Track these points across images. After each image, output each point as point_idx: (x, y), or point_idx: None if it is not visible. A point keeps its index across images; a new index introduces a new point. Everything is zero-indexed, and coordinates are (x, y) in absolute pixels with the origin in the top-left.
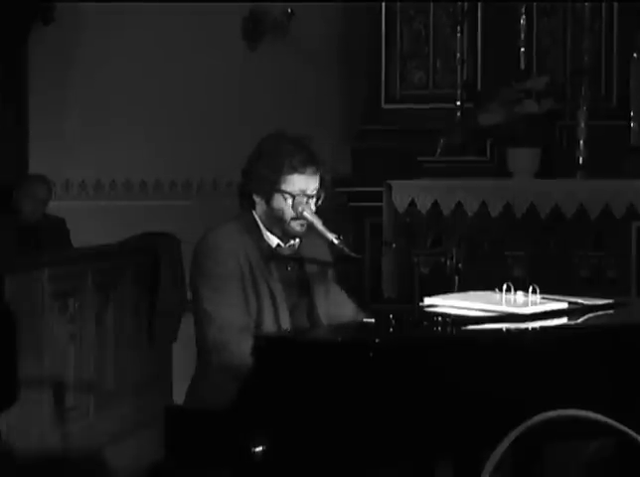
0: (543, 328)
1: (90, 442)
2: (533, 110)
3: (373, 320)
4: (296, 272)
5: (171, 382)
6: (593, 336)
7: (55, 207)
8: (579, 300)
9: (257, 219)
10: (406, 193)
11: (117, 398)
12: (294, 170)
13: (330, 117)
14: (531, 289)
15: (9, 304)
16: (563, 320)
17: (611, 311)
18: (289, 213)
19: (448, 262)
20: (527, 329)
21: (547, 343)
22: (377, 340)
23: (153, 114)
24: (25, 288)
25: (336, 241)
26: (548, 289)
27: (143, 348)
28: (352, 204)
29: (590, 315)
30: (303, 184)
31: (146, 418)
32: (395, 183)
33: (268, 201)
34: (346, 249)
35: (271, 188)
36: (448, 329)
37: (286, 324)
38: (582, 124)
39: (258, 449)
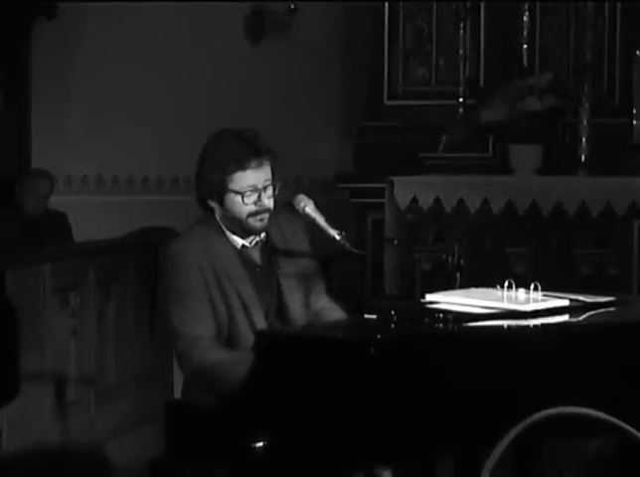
0: (544, 325)
1: (91, 437)
2: (535, 107)
3: (374, 316)
4: (267, 271)
5: (172, 377)
6: (595, 334)
7: (56, 202)
8: (581, 298)
9: (220, 221)
10: (409, 189)
11: (118, 393)
12: (238, 167)
13: (332, 114)
14: (532, 286)
15: (10, 299)
16: (565, 317)
17: (613, 309)
18: (244, 211)
19: (450, 259)
20: (528, 326)
21: (548, 340)
22: (378, 336)
23: (155, 110)
24: (26, 283)
25: (338, 238)
26: (549, 286)
27: (144, 343)
28: (354, 200)
29: (592, 313)
30: (251, 179)
31: (147, 413)
32: (397, 179)
33: (221, 203)
34: (347, 246)
35: (220, 190)
36: (450, 326)
37: (262, 324)
38: (585, 122)
39: (259, 445)
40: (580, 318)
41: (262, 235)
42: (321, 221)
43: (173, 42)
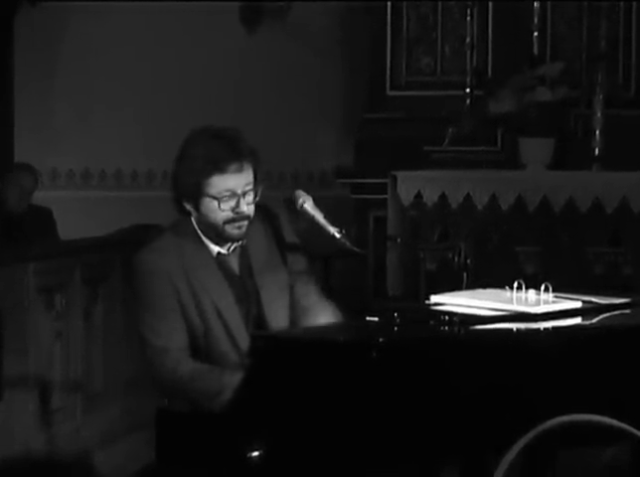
0: (555, 328)
1: (78, 446)
2: (546, 98)
3: (376, 319)
4: (245, 280)
5: None
6: (608, 337)
7: (41, 197)
8: (594, 299)
9: (196, 226)
10: (412, 185)
11: (106, 400)
12: (215, 170)
13: (332, 105)
14: (543, 287)
15: None
16: (577, 320)
17: (628, 311)
18: (220, 217)
19: (456, 258)
20: (538, 329)
21: (559, 344)
22: (380, 340)
23: (146, 101)
24: (9, 283)
25: (338, 235)
26: (561, 287)
27: (134, 346)
28: (355, 196)
29: (606, 315)
30: (229, 184)
31: (137, 421)
32: (400, 174)
33: (197, 207)
34: (348, 244)
35: (196, 193)
36: (455, 329)
37: (242, 338)
38: (599, 113)
39: (255, 454)
40: (594, 321)
41: (241, 242)
42: (320, 218)
43: (164, 30)
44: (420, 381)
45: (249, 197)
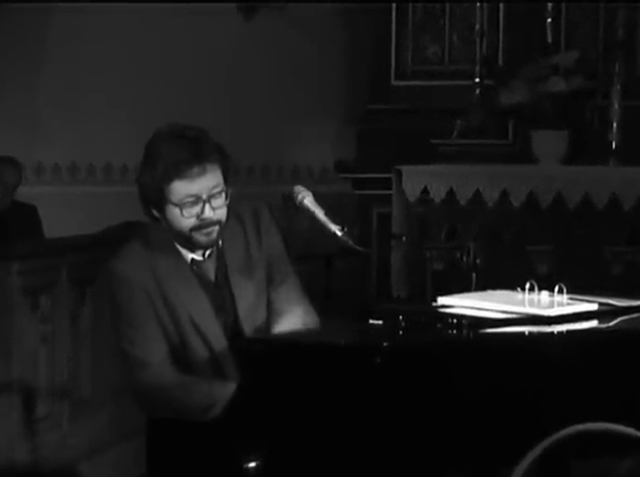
0: (570, 332)
1: (64, 456)
2: (560, 89)
3: (380, 322)
4: (221, 288)
5: None
6: (626, 341)
7: (25, 193)
8: (611, 301)
9: (167, 232)
10: (418, 180)
11: (94, 407)
12: (175, 175)
13: (333, 96)
14: (557, 288)
15: None
16: (593, 323)
17: None
18: (185, 225)
19: (464, 258)
20: (552, 333)
21: (574, 349)
22: (384, 344)
23: (136, 92)
24: None
25: (339, 233)
26: (576, 288)
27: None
28: (357, 192)
29: (624, 318)
30: (191, 189)
31: (127, 429)
32: (405, 169)
33: (162, 213)
34: (350, 243)
35: (159, 199)
36: (464, 333)
37: (222, 349)
38: (616, 105)
39: (252, 465)
40: (611, 324)
41: (215, 247)
42: (321, 215)
43: (154, 17)
44: (427, 387)
45: (218, 200)
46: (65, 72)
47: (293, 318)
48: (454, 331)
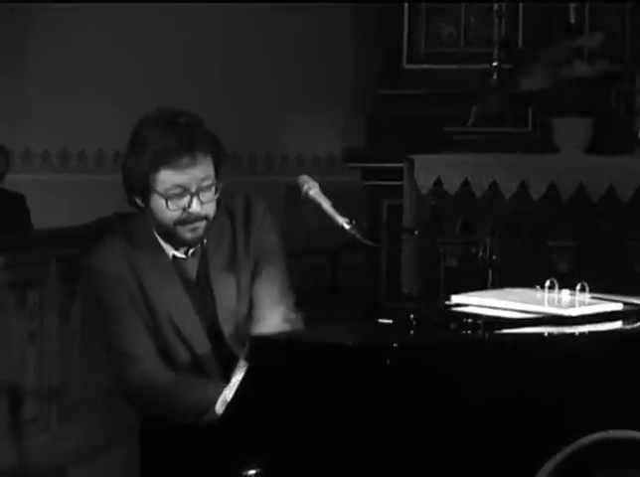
0: (592, 333)
1: (53, 460)
2: (584, 73)
3: (390, 321)
4: (204, 288)
5: None
6: None
7: (12, 181)
8: (637, 301)
9: (150, 224)
10: (432, 170)
11: (85, 409)
12: (163, 163)
13: (342, 81)
14: (579, 287)
15: None
16: (617, 324)
17: None
18: (168, 217)
19: (480, 253)
20: (573, 334)
21: (597, 351)
22: (395, 345)
23: (128, 78)
24: None
25: (347, 226)
26: (599, 287)
27: None
28: (366, 183)
29: None
30: (179, 179)
31: (119, 433)
32: (418, 158)
33: (146, 202)
34: (359, 236)
35: (144, 188)
36: (480, 333)
37: (206, 352)
38: None
39: (252, 473)
40: (636, 325)
41: (200, 245)
42: (327, 207)
43: (145, 4)
44: (440, 391)
45: (207, 194)
46: (55, 57)
47: (272, 319)
48: (469, 331)
